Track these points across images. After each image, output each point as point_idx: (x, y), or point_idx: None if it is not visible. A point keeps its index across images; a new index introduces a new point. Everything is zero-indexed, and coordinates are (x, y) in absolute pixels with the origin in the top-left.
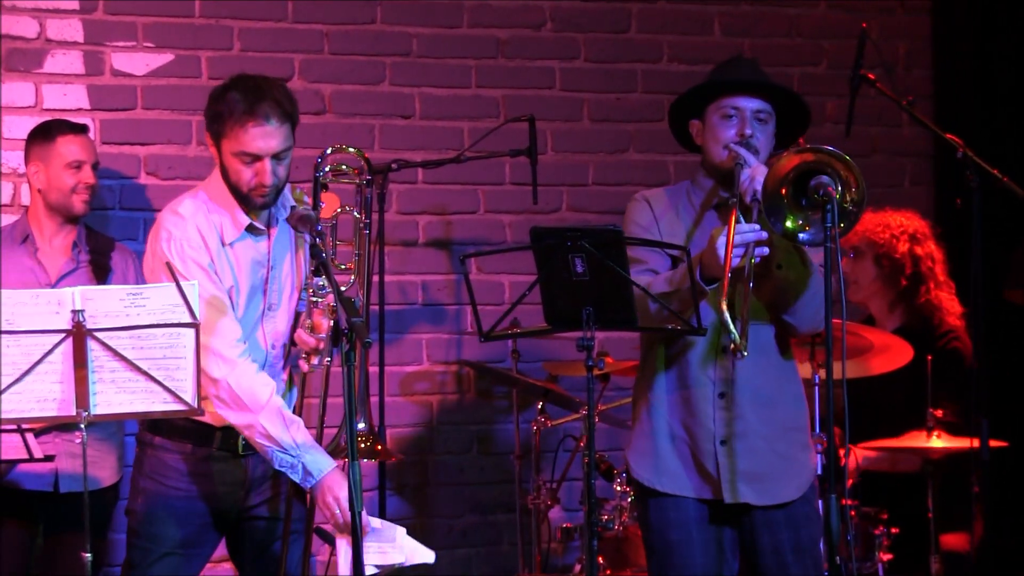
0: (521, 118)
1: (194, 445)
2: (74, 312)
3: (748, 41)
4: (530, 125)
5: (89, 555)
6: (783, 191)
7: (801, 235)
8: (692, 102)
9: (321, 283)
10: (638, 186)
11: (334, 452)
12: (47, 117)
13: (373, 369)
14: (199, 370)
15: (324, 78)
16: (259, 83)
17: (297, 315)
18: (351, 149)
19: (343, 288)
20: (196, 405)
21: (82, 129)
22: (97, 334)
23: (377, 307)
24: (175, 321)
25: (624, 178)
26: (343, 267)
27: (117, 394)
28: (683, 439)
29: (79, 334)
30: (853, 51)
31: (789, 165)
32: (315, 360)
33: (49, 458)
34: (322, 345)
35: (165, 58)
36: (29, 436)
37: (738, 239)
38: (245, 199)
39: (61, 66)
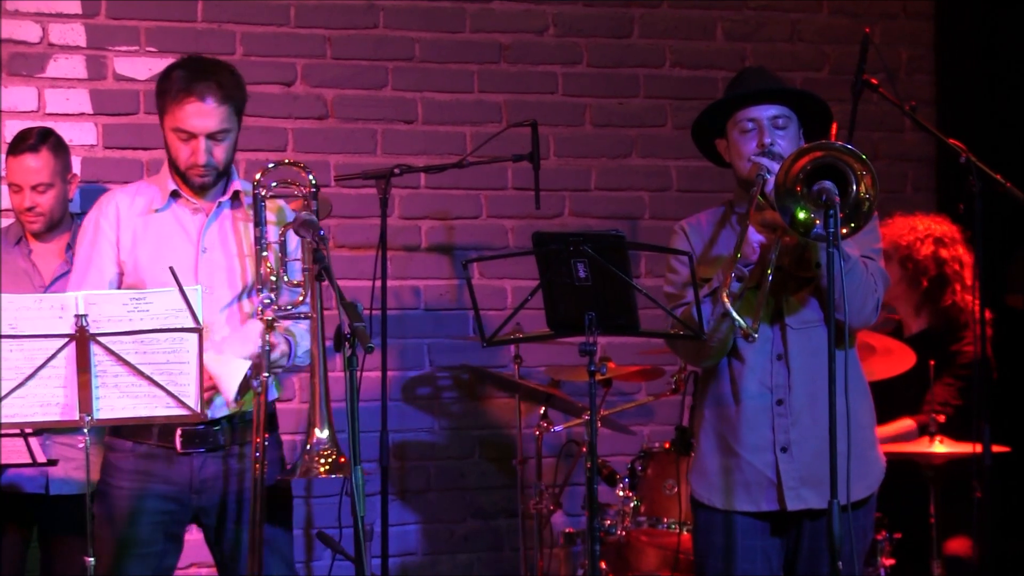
0: (523, 123)
1: (134, 442)
2: (77, 316)
3: (750, 46)
4: (532, 130)
5: (92, 559)
6: (798, 187)
7: (815, 229)
8: (712, 122)
9: (267, 300)
10: (640, 191)
11: (304, 472)
12: (49, 122)
13: (376, 374)
14: (202, 374)
15: (326, 83)
16: (204, 63)
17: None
18: (294, 164)
19: (296, 306)
20: (199, 410)
21: (31, 147)
22: (100, 339)
23: (380, 312)
24: (178, 326)
25: (626, 183)
26: (295, 282)
27: (120, 399)
28: (741, 452)
29: (82, 338)
30: (855, 56)
31: (800, 163)
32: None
33: (52, 462)
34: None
35: (167, 62)
36: (32, 440)
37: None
38: (184, 178)
39: (64, 70)
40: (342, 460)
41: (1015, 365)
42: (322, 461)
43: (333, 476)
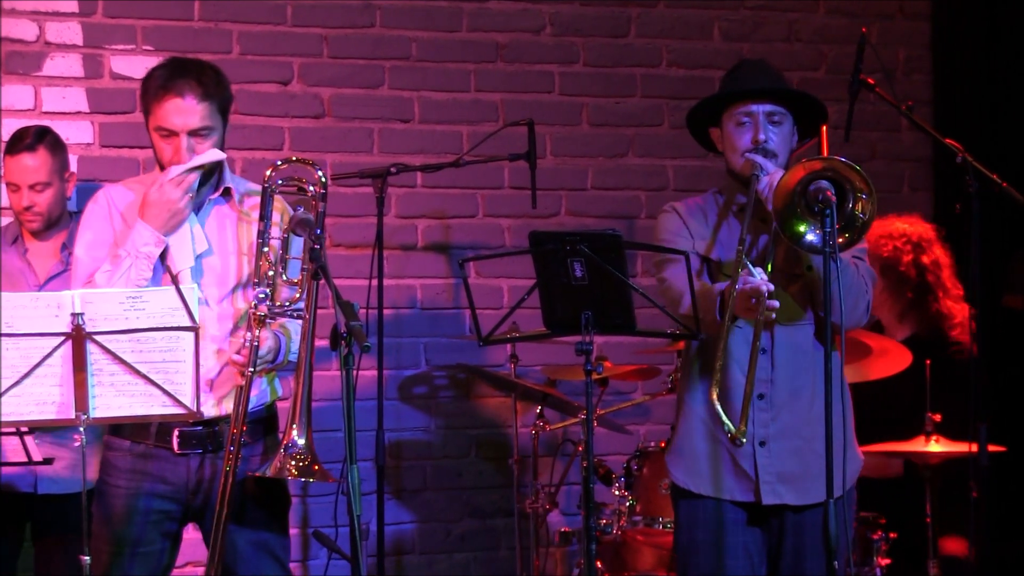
0: (520, 122)
1: (132, 442)
2: (73, 315)
3: (747, 46)
4: (529, 129)
5: (87, 558)
6: (795, 201)
7: (806, 238)
8: (708, 110)
9: (262, 295)
10: (637, 190)
11: (276, 471)
12: (46, 120)
13: (372, 373)
14: (198, 373)
15: (323, 82)
16: (185, 62)
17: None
18: (304, 162)
19: (292, 304)
20: (195, 408)
21: (28, 146)
22: (96, 337)
23: (376, 311)
24: (174, 324)
25: (623, 182)
26: (293, 280)
27: (116, 397)
28: (722, 442)
29: (78, 337)
30: (852, 56)
31: (798, 176)
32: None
33: (48, 461)
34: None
35: None
36: (28, 439)
37: (749, 287)
38: None
39: (60, 69)
40: (316, 467)
41: (1012, 365)
42: (293, 464)
43: (302, 479)
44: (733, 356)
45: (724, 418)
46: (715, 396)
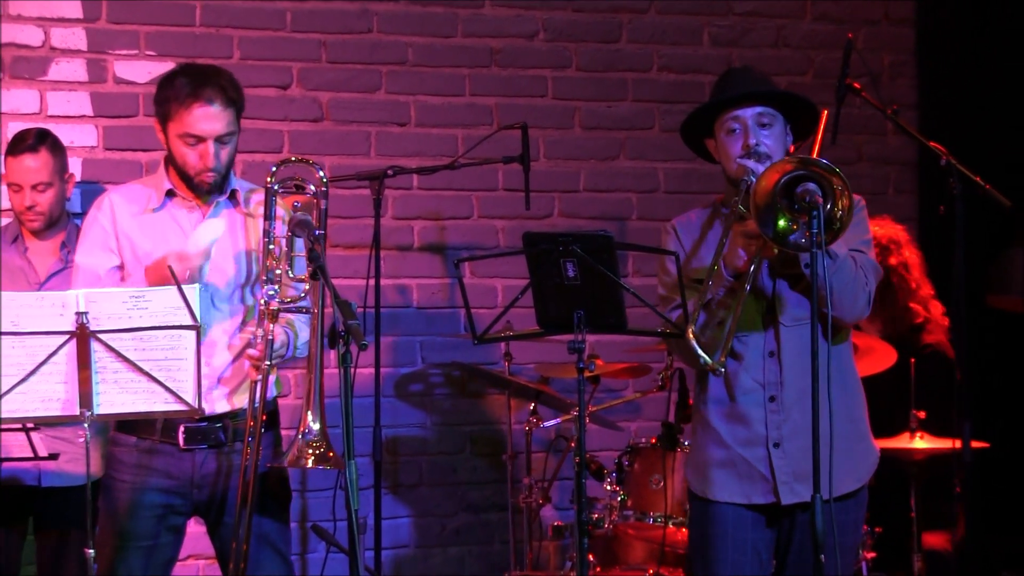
0: (514, 126)
1: (138, 437)
2: (78, 314)
3: (736, 51)
4: (523, 133)
5: (92, 551)
6: (774, 202)
7: (791, 237)
8: (700, 122)
9: (271, 292)
10: (628, 192)
11: (293, 460)
12: (51, 124)
13: (369, 370)
14: (200, 370)
15: (321, 86)
16: (205, 69)
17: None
18: (304, 162)
19: (295, 300)
20: (197, 405)
21: (30, 147)
22: (100, 335)
23: (373, 309)
24: (176, 323)
25: (614, 185)
26: (299, 277)
27: (120, 394)
28: (735, 446)
29: (83, 335)
30: (839, 61)
31: (773, 179)
32: (258, 372)
33: (53, 456)
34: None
35: (166, 66)
36: (34, 435)
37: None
38: (191, 183)
39: (65, 74)
40: (330, 454)
41: (995, 363)
42: (310, 452)
43: (320, 467)
44: (742, 361)
45: (699, 351)
46: (691, 333)
